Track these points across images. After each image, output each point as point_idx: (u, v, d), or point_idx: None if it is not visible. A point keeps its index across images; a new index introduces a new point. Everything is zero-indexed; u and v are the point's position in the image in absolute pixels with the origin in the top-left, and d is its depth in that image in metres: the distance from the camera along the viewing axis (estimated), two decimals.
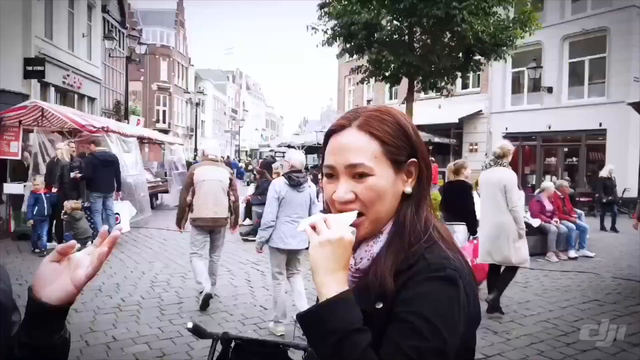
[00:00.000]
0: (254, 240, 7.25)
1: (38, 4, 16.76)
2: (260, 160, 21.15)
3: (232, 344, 1.99)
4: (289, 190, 4.81)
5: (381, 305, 0.94)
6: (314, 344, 0.89)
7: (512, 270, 5.45)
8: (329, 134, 1.06)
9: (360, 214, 1.00)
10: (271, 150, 30.02)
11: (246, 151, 65.21)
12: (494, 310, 5.33)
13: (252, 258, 8.03)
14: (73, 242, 0.92)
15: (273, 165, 11.10)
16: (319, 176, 10.77)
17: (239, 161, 44.06)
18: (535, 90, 18.75)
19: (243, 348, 1.98)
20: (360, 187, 0.99)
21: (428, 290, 0.90)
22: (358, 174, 0.99)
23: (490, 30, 11.36)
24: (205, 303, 5.44)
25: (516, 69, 19.68)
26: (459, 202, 6.27)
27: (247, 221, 11.64)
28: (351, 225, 0.98)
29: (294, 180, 4.81)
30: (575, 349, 4.48)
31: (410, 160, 1.03)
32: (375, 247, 1.03)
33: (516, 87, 20.30)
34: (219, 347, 1.98)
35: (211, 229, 5.78)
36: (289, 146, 29.28)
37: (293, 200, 4.81)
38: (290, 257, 5.06)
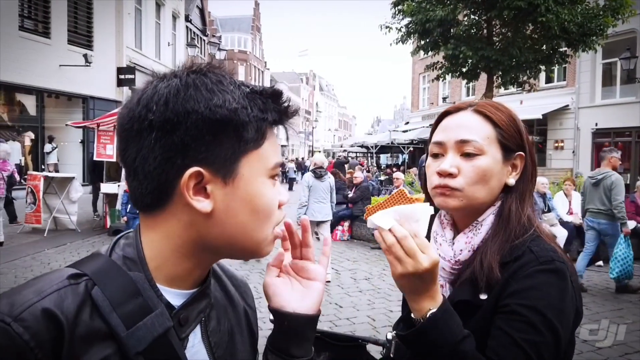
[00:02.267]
0: None
1: (129, 17, 18.09)
2: (333, 161, 21.32)
3: None
4: (314, 180, 6.99)
5: (486, 297, 0.94)
6: (421, 358, 0.90)
7: None
8: (442, 116, 1.09)
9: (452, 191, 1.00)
10: (344, 151, 30.19)
11: (319, 151, 65.98)
12: None
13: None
14: (281, 251, 0.84)
15: (346, 165, 11.16)
16: (393, 175, 10.68)
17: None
18: (630, 82, 17.25)
19: (322, 341, 2.02)
20: (466, 165, 1.00)
21: (539, 282, 0.90)
22: (467, 153, 1.00)
23: (577, 20, 10.62)
24: None
25: (607, 60, 18.24)
26: None
27: None
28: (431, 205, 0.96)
29: (317, 174, 7.05)
30: None
31: (518, 153, 1.04)
32: (475, 238, 1.02)
33: (607, 80, 18.82)
34: None
35: None
36: (362, 145, 29.30)
37: (318, 187, 6.97)
38: (319, 225, 7.00)
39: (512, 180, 1.03)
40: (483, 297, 0.94)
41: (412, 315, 0.91)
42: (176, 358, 0.67)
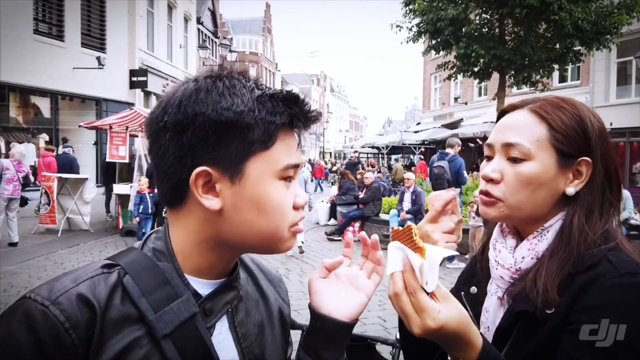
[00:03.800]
0: (340, 240, 7.37)
1: (142, 20, 18.26)
2: (345, 161, 21.33)
3: None
4: None
5: (552, 311, 0.83)
6: None
7: None
8: (500, 115, 1.02)
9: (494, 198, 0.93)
10: (355, 152, 30.15)
11: (330, 152, 66.08)
12: None
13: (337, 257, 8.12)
14: (341, 258, 0.86)
15: (357, 166, 11.14)
16: (404, 175, 10.62)
17: (325, 163, 44.75)
18: None
19: None
20: (510, 170, 0.91)
21: (617, 298, 0.78)
22: (512, 158, 0.91)
23: (591, 18, 10.49)
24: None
25: (622, 59, 17.99)
26: None
27: (332, 221, 11.77)
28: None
29: None
30: None
31: (582, 158, 0.91)
32: (540, 245, 0.92)
33: (622, 79, 18.57)
34: None
35: None
36: (373, 146, 29.24)
37: None
38: None
39: (571, 190, 0.90)
40: (550, 311, 0.83)
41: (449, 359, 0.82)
42: (202, 342, 0.70)
